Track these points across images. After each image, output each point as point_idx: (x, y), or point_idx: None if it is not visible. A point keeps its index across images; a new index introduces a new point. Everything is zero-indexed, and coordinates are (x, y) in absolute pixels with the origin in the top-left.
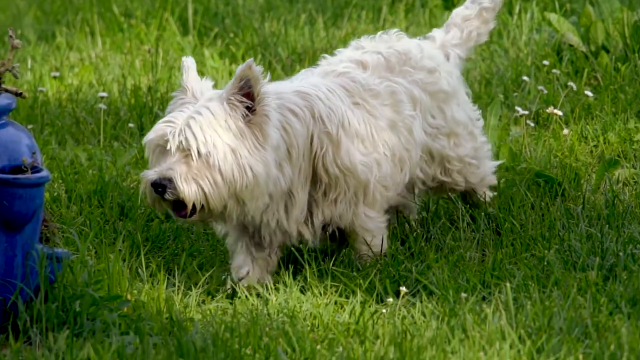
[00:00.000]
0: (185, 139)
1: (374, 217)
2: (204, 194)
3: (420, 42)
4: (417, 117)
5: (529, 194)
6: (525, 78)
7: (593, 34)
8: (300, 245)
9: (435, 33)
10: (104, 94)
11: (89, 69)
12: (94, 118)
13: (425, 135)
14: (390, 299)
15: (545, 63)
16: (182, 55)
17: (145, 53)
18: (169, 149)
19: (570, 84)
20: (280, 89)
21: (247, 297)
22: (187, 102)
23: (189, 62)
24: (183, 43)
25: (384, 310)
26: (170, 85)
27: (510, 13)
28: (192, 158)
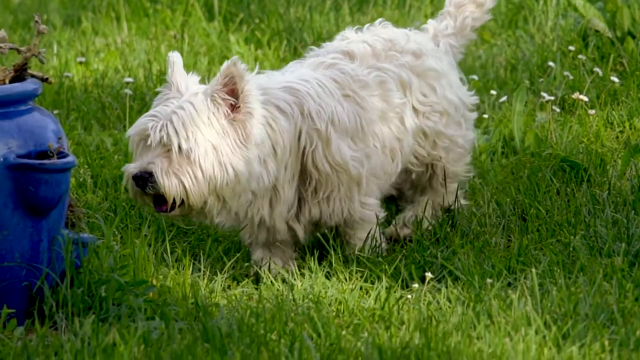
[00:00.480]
0: (167, 134)
1: (372, 204)
2: (184, 189)
3: (408, 31)
4: (407, 103)
5: (555, 180)
6: (551, 64)
7: (619, 20)
8: (327, 231)
9: (430, 24)
10: (130, 80)
11: (115, 55)
12: (120, 103)
13: (418, 116)
14: (416, 285)
15: (571, 49)
16: (207, 41)
17: (171, 38)
18: (150, 144)
19: (596, 70)
20: (269, 84)
21: (272, 282)
22: (171, 97)
23: (175, 57)
24: (208, 29)
25: (409, 296)
26: (196, 71)
27: None
28: (173, 153)
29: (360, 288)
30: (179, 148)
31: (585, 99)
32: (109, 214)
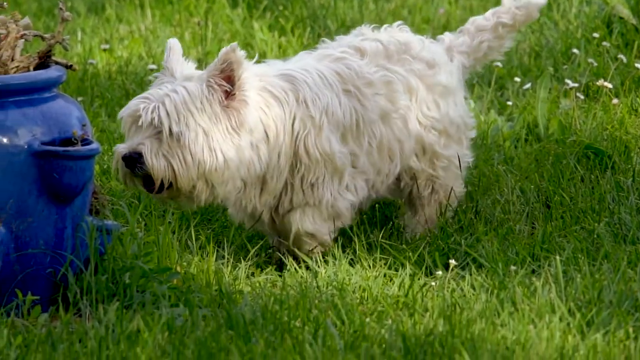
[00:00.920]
0: (158, 116)
1: (349, 199)
2: (173, 172)
3: (424, 38)
4: (412, 108)
5: (579, 167)
6: (575, 51)
7: None
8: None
9: (446, 36)
10: (154, 67)
11: (139, 42)
12: (144, 90)
13: (420, 126)
14: (440, 272)
15: (595, 35)
16: (231, 28)
17: (195, 26)
18: (141, 125)
19: (620, 57)
20: (266, 71)
21: (296, 269)
22: (165, 81)
23: (173, 43)
24: (232, 16)
25: (433, 283)
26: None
27: None
28: (164, 135)
29: (384, 275)
30: (170, 130)
31: (610, 86)
32: (133, 201)
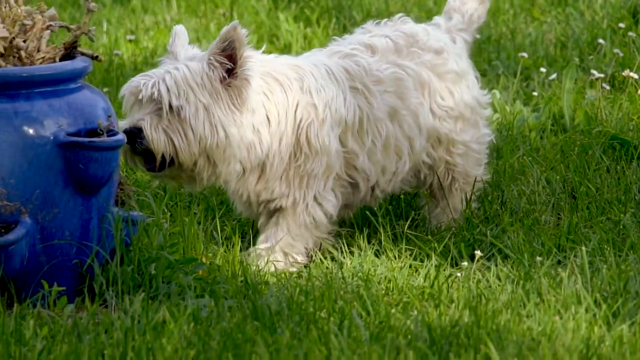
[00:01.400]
0: (158, 91)
1: (331, 200)
2: (174, 147)
3: (427, 26)
4: (424, 103)
5: (605, 158)
6: (601, 41)
7: None
8: (375, 208)
9: (438, 20)
10: None
11: (164, 32)
12: None
13: (434, 118)
14: (465, 263)
15: (621, 26)
16: (257, 19)
17: (220, 17)
18: (141, 99)
19: None
20: (271, 59)
21: (321, 260)
22: (168, 62)
23: (179, 29)
24: (257, 6)
25: (459, 274)
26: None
27: None
28: (164, 110)
29: (410, 266)
30: (170, 105)
31: (635, 77)
32: (159, 192)
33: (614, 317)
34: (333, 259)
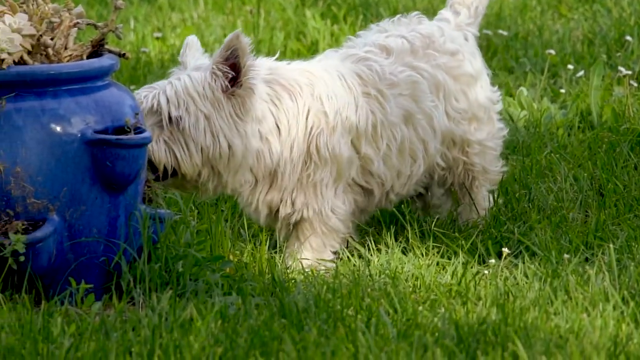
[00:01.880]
0: (158, 102)
1: (341, 210)
2: (175, 158)
3: (440, 24)
4: (439, 105)
5: (632, 155)
6: (629, 38)
7: None
8: (402, 206)
9: (446, 14)
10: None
11: (191, 30)
12: None
13: (448, 120)
14: (493, 260)
15: None
16: (283, 16)
17: (247, 13)
18: (143, 111)
19: None
20: (280, 65)
21: (349, 258)
22: (175, 73)
23: (191, 40)
24: (284, 3)
25: (486, 272)
26: (272, 46)
27: None
28: (164, 121)
29: (437, 263)
30: (169, 116)
31: None
32: None
33: None
34: (360, 257)
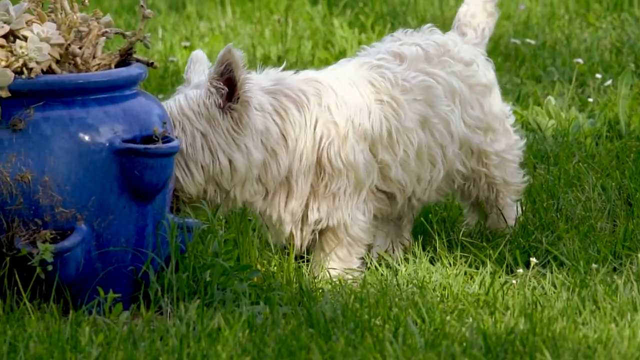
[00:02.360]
0: None
1: (362, 222)
2: (177, 180)
3: (454, 37)
4: (455, 110)
5: None
6: None
7: None
8: (430, 215)
9: (451, 36)
10: None
11: (219, 39)
12: None
13: (465, 126)
14: (520, 270)
15: None
16: (311, 25)
17: (275, 23)
18: None
19: None
20: (284, 76)
21: (376, 267)
22: (180, 91)
23: (196, 55)
24: (312, 12)
25: (514, 281)
26: (300, 55)
27: None
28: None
29: (465, 273)
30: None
31: None
32: None
33: None
34: (388, 266)
